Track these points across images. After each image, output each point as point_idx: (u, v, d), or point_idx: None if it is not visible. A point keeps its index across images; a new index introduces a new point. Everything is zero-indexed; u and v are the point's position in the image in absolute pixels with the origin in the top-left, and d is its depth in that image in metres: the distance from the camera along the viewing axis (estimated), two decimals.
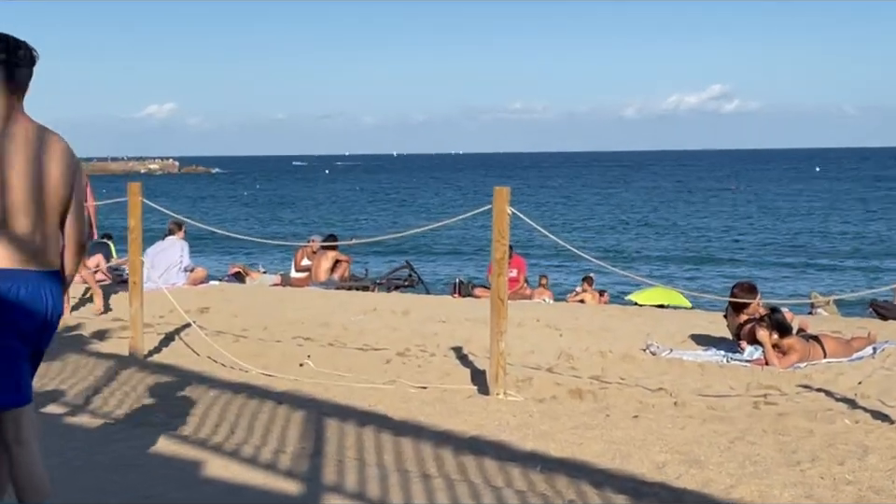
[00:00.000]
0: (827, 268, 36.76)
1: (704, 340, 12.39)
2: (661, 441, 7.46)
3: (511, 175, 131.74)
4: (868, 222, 54.19)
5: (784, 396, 9.26)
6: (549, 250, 37.91)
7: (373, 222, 60.49)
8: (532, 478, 6.43)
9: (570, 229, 52.05)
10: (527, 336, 12.60)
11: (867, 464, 6.87)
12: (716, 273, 35.51)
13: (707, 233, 50.08)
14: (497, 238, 9.04)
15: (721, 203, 71.58)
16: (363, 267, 23.60)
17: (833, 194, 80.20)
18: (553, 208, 70.39)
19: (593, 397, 9.17)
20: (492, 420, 8.14)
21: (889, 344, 11.70)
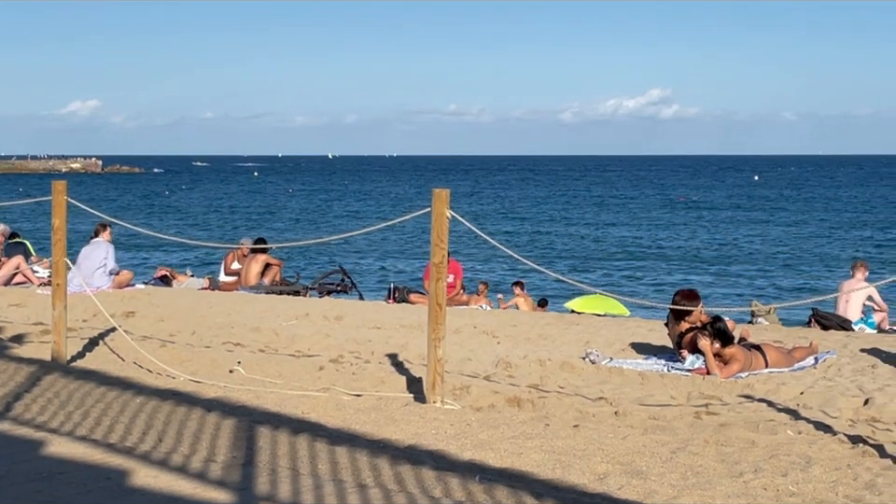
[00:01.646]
0: (769, 277, 37.07)
1: (644, 348, 12.30)
2: (602, 450, 7.30)
3: (448, 178, 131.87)
4: (809, 231, 54.84)
5: (726, 406, 9.16)
6: (486, 255, 37.85)
7: (306, 225, 60.06)
8: (471, 488, 6.23)
9: (509, 233, 52.01)
10: (464, 343, 12.44)
11: (810, 475, 6.77)
12: (657, 281, 35.65)
13: (652, 241, 50.36)
14: (435, 242, 8.84)
15: (668, 211, 72.11)
16: (295, 271, 23.30)
17: (773, 202, 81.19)
18: (492, 212, 70.42)
19: (532, 405, 9.00)
20: (429, 429, 7.93)
21: (830, 354, 11.69)
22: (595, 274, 37.61)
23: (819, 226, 58.25)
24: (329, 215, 69.73)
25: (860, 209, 72.31)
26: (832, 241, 49.83)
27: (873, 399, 9.43)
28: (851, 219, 62.94)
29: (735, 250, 45.79)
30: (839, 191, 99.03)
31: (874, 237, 51.40)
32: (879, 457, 7.37)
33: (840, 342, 12.90)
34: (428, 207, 8.91)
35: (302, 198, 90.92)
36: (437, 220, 8.78)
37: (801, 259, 42.06)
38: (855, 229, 56.26)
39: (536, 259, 32.37)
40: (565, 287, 25.99)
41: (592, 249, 47.16)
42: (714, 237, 52.12)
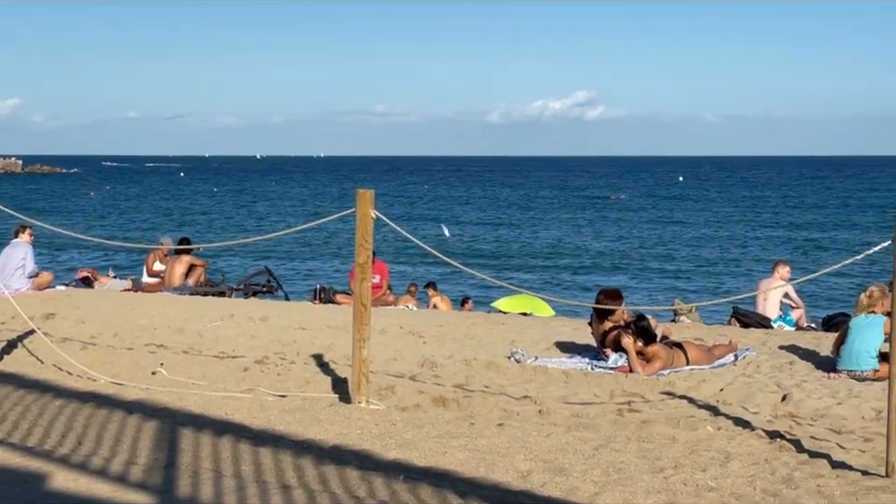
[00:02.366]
0: (691, 276, 37.52)
1: (568, 347, 12.40)
2: (525, 449, 7.35)
3: (374, 179, 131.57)
4: (730, 230, 55.56)
5: (648, 403, 9.27)
6: (415, 256, 37.86)
7: (231, 225, 59.59)
8: (395, 488, 6.25)
9: (435, 234, 52.05)
10: (390, 343, 12.44)
11: (729, 470, 6.87)
12: (582, 281, 35.91)
13: (577, 241, 50.71)
14: (360, 242, 8.83)
15: (594, 211, 72.62)
16: (219, 272, 23.12)
17: (696, 202, 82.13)
18: (418, 212, 70.41)
19: (457, 405, 9.02)
20: (354, 429, 7.92)
21: (749, 352, 11.88)
22: (521, 274, 37.80)
23: (740, 226, 59.08)
24: (254, 215, 69.23)
25: (779, 209, 73.47)
26: (752, 240, 50.59)
27: (790, 394, 9.60)
28: (771, 219, 63.95)
29: (658, 249, 46.31)
30: (760, 192, 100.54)
31: (793, 236, 52.28)
32: (796, 452, 7.52)
33: (759, 339, 13.11)
34: (353, 208, 8.90)
35: (228, 198, 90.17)
36: (361, 221, 8.77)
37: (722, 259, 42.65)
38: (774, 228, 57.17)
39: (461, 259, 32.48)
40: (491, 288, 26.10)
41: (517, 249, 47.39)
42: (638, 237, 52.66)
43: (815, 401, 9.42)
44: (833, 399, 9.56)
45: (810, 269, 20.45)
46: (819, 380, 10.54)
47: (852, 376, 10.66)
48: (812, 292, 26.99)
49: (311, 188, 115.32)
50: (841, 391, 9.89)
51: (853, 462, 7.22)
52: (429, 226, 59.55)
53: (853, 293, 14.38)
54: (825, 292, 29.24)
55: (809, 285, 25.10)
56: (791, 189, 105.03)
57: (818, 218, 64.40)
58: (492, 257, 44.41)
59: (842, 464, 7.16)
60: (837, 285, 30.39)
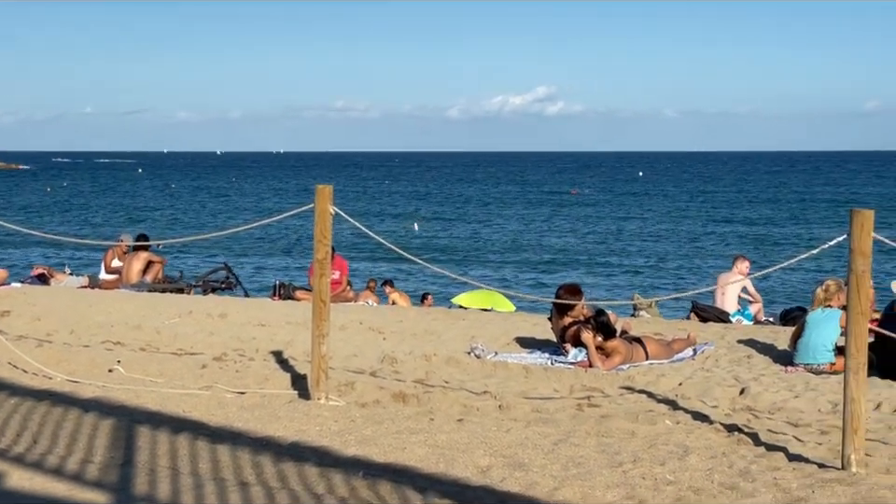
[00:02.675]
0: (650, 270, 37.70)
1: (528, 342, 12.42)
2: (485, 444, 7.35)
3: (333, 175, 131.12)
4: (690, 225, 55.89)
5: (607, 398, 9.30)
6: (375, 252, 37.80)
7: (190, 221, 59.24)
8: (354, 484, 6.22)
9: (395, 230, 52.00)
10: (350, 339, 12.41)
11: (687, 464, 6.90)
12: (542, 276, 35.99)
13: (537, 236, 50.83)
14: (318, 238, 8.80)
15: (554, 206, 72.80)
16: (178, 268, 22.96)
17: (656, 198, 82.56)
18: (379, 208, 70.29)
19: (417, 401, 9.01)
20: (313, 425, 7.88)
21: (708, 346, 11.96)
22: (481, 270, 37.84)
23: (698, 221, 59.45)
24: (212, 211, 68.88)
25: (736, 204, 73.97)
26: (710, 235, 50.93)
27: (748, 388, 9.67)
28: (728, 214, 64.38)
29: (618, 244, 46.52)
30: (717, 187, 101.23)
31: (749, 231, 52.66)
32: (754, 445, 7.57)
33: (718, 333, 13.20)
34: (312, 204, 8.87)
35: (186, 194, 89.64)
36: (320, 217, 8.74)
37: (681, 254, 42.89)
38: (731, 223, 57.56)
39: (421, 254, 32.45)
40: (451, 283, 26.10)
41: (478, 245, 47.44)
42: (597, 232, 52.87)
43: (772, 395, 9.50)
44: (790, 392, 9.63)
45: (765, 264, 20.61)
46: (776, 374, 10.62)
47: (809, 370, 10.74)
48: (769, 287, 27.20)
49: (269, 183, 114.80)
50: (798, 384, 9.98)
51: (810, 455, 7.27)
52: (389, 221, 59.51)
53: (810, 288, 14.52)
54: (782, 287, 29.47)
55: (766, 280, 25.29)
56: (748, 185, 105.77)
57: (773, 213, 64.90)
58: (452, 252, 44.44)
59: (798, 457, 7.21)
60: (792, 280, 30.64)
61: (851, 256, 6.84)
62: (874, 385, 9.57)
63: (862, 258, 6.81)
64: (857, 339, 6.86)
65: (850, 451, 6.81)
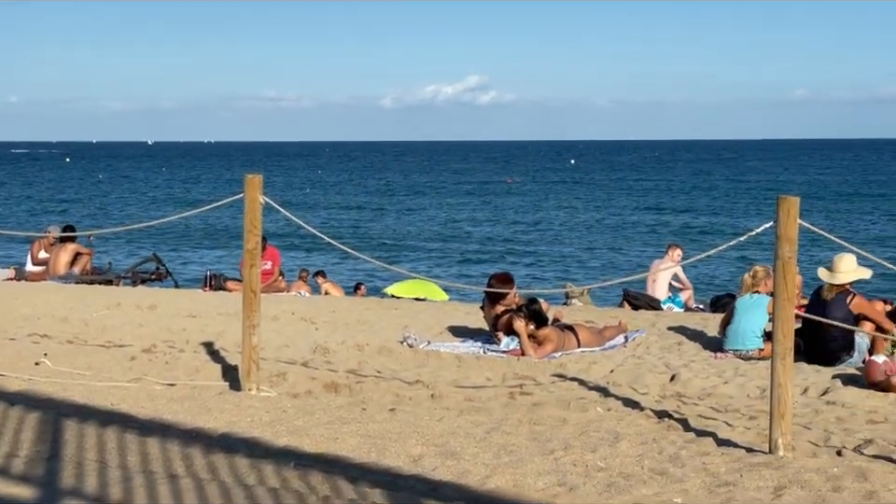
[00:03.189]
0: (582, 259, 37.92)
1: (461, 331, 12.44)
2: (417, 433, 7.34)
3: (264, 165, 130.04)
4: (622, 214, 56.31)
5: (539, 386, 9.34)
6: (307, 241, 37.61)
7: (119, 212, 58.49)
8: (286, 475, 6.17)
9: (327, 220, 51.77)
10: (282, 330, 12.34)
11: (618, 450, 6.95)
12: (475, 265, 36.04)
13: (470, 225, 50.88)
14: (248, 228, 8.74)
15: (486, 195, 72.90)
16: (106, 260, 22.67)
17: (588, 186, 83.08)
18: (311, 198, 69.93)
19: (349, 390, 8.99)
20: (244, 417, 7.82)
21: (639, 333, 12.06)
22: (414, 259, 37.83)
23: (629, 209, 59.92)
24: (142, 201, 68.09)
25: (666, 193, 74.66)
26: (641, 224, 51.33)
27: (678, 375, 9.77)
28: (658, 203, 64.95)
29: (550, 233, 46.74)
30: (649, 176, 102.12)
31: (678, 219, 53.15)
32: (683, 431, 7.64)
33: (649, 320, 13.32)
34: (242, 193, 8.80)
35: (115, 184, 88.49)
36: (250, 206, 8.68)
37: (613, 242, 43.19)
38: (662, 212, 58.07)
39: (354, 245, 32.34)
40: (384, 273, 26.06)
41: (412, 234, 47.41)
42: (530, 220, 53.06)
43: (702, 381, 9.60)
44: (719, 378, 9.74)
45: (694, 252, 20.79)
46: (706, 360, 10.74)
47: (738, 355, 10.87)
48: (699, 274, 27.49)
49: (200, 173, 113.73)
50: (727, 370, 10.09)
51: (738, 439, 7.36)
52: (321, 211, 59.26)
53: (739, 275, 14.69)
54: (712, 274, 29.80)
55: (696, 267, 25.55)
56: (677, 173, 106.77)
57: (703, 202, 65.58)
58: (385, 242, 44.36)
59: (727, 441, 7.29)
60: (722, 267, 30.99)
61: (778, 242, 6.93)
62: (800, 371, 9.71)
63: (789, 244, 6.89)
64: (783, 324, 6.94)
65: (778, 435, 6.90)
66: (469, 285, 21.87)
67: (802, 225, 6.96)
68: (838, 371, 10.04)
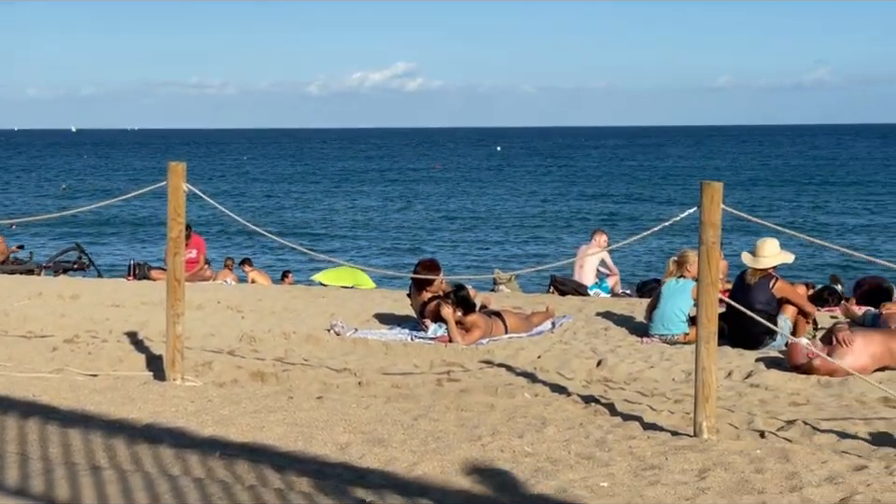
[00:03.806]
0: (509, 245, 38.05)
1: (388, 319, 12.41)
2: (344, 421, 7.31)
3: (188, 152, 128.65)
4: (548, 199, 56.58)
5: (467, 372, 9.35)
6: (233, 230, 37.31)
7: (40, 201, 57.55)
8: (211, 464, 6.11)
9: (253, 208, 51.38)
10: (208, 319, 12.23)
11: (545, 435, 6.97)
12: (402, 252, 36.01)
13: (396, 212, 50.81)
14: (172, 216, 8.64)
15: (413, 181, 72.81)
16: (27, 249, 22.28)
17: (515, 172, 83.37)
18: (236, 185, 69.35)
19: (276, 379, 8.92)
20: (169, 407, 7.73)
21: (566, 319, 12.12)
22: (341, 247, 37.70)
23: (555, 195, 60.26)
24: (66, 189, 67.02)
25: (594, 179, 75.23)
26: (567, 210, 51.68)
27: (605, 360, 9.84)
28: (586, 188, 65.43)
29: (476, 219, 46.85)
30: (575, 161, 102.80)
31: (606, 205, 53.61)
32: (610, 415, 7.69)
33: (576, 306, 13.39)
34: (165, 181, 8.69)
35: (36, 173, 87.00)
36: (173, 194, 8.57)
37: (541, 228, 43.42)
38: (587, 198, 58.49)
39: (280, 233, 32.20)
40: (311, 261, 25.93)
41: (338, 222, 47.24)
42: (456, 206, 53.15)
43: (628, 366, 9.68)
44: (645, 362, 9.83)
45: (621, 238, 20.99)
46: (632, 345, 10.83)
47: (664, 340, 10.98)
48: (626, 260, 27.74)
49: (123, 161, 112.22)
50: (653, 355, 10.19)
51: (663, 423, 7.42)
52: (248, 199, 58.80)
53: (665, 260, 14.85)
54: (638, 260, 30.09)
55: (622, 252, 25.76)
56: (602, 160, 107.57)
57: (627, 188, 66.17)
58: (312, 229, 44.16)
59: (653, 425, 7.35)
60: (648, 252, 31.30)
61: (702, 227, 6.99)
62: (725, 354, 9.83)
63: (712, 229, 6.96)
64: (707, 309, 7.01)
65: (702, 418, 6.97)
66: (395, 272, 21.85)
67: (725, 210, 7.03)
68: (761, 354, 10.18)
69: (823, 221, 44.70)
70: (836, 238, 36.98)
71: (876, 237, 39.05)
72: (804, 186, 64.88)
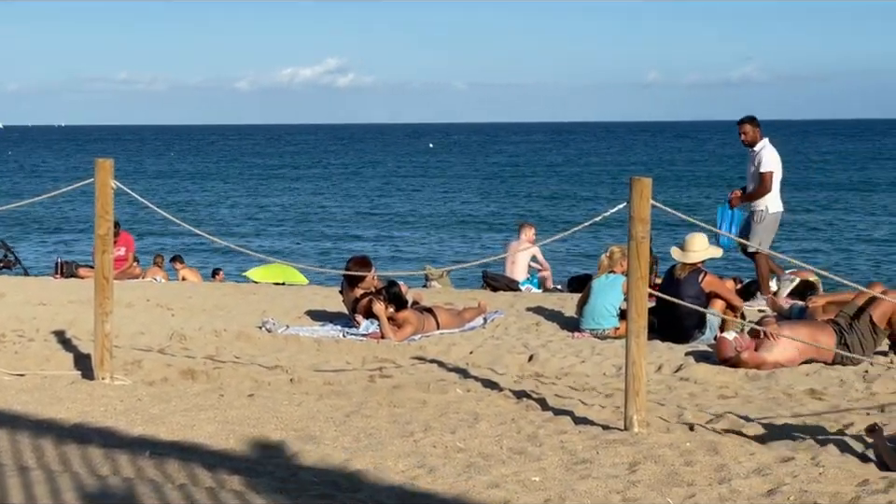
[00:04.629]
0: (441, 241, 38.08)
1: (320, 315, 12.38)
2: (276, 418, 7.28)
3: (116, 149, 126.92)
4: (478, 195, 56.70)
5: (399, 368, 9.35)
6: (163, 227, 36.93)
7: None
8: (141, 464, 6.05)
9: (182, 204, 50.90)
10: (137, 317, 12.10)
11: (477, 431, 7.00)
12: (334, 249, 35.90)
13: (328, 208, 50.64)
14: (100, 214, 8.56)
15: (345, 179, 72.58)
16: None
17: (447, 168, 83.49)
18: (166, 182, 68.61)
19: (206, 377, 8.86)
20: (97, 406, 7.64)
21: (498, 314, 12.16)
22: (274, 243, 37.49)
23: (491, 191, 60.43)
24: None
25: (526, 174, 75.51)
26: (499, 204, 51.85)
27: (537, 355, 9.89)
28: (518, 184, 65.66)
29: (410, 216, 46.84)
30: (506, 157, 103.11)
31: (538, 200, 53.84)
32: (541, 410, 7.74)
33: (508, 301, 13.44)
34: (92, 178, 8.59)
35: None
36: (100, 191, 8.48)
37: (472, 223, 43.52)
38: (520, 193, 58.72)
39: (211, 230, 31.94)
40: (243, 258, 25.76)
41: (270, 218, 46.97)
42: (390, 202, 53.11)
43: (559, 360, 9.73)
44: (576, 357, 9.89)
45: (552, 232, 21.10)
46: (563, 339, 10.89)
47: (595, 335, 11.05)
48: (556, 255, 27.88)
49: (50, 158, 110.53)
50: (584, 350, 10.25)
51: (594, 417, 7.49)
52: (177, 196, 58.24)
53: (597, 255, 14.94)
54: (568, 255, 30.26)
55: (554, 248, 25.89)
56: (532, 155, 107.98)
57: (558, 183, 66.52)
58: (242, 226, 43.87)
59: (584, 419, 7.42)
60: (580, 247, 31.50)
61: (631, 222, 7.05)
62: (655, 348, 9.93)
63: (642, 224, 7.02)
64: (637, 303, 7.08)
65: (632, 412, 7.04)
66: (327, 268, 21.79)
67: (654, 205, 7.10)
68: (691, 348, 10.29)
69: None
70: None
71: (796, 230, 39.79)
72: (733, 182, 65.69)
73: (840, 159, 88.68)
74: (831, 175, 68.69)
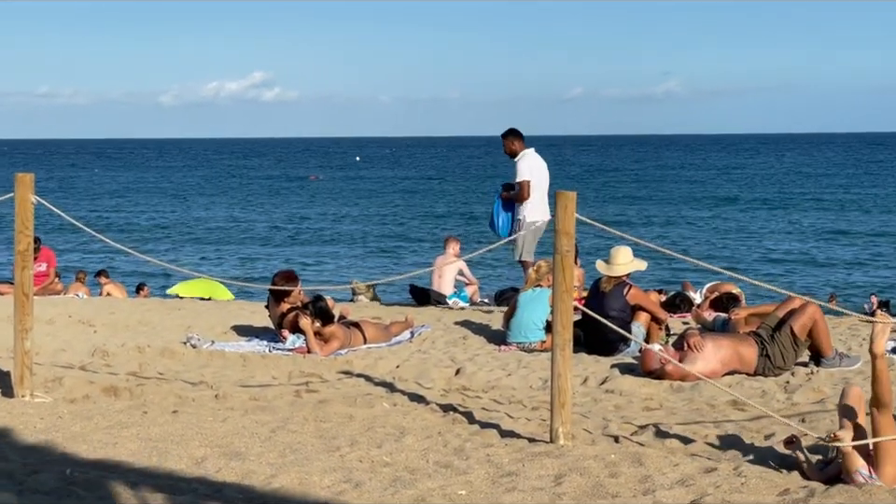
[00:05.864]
0: (368, 255, 38.02)
1: (246, 330, 12.28)
2: (200, 435, 7.20)
3: (36, 163, 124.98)
4: (404, 208, 56.71)
5: (326, 383, 9.30)
6: (86, 242, 36.43)
7: None
8: (62, 483, 5.94)
9: (105, 219, 50.28)
10: (58, 333, 11.91)
11: (404, 445, 6.99)
12: (260, 263, 35.67)
13: (256, 222, 50.33)
14: (19, 229, 8.43)
15: (273, 193, 72.17)
16: None
17: (373, 181, 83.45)
18: (89, 197, 67.69)
19: (129, 394, 8.73)
20: (17, 424, 7.49)
21: (425, 328, 12.16)
22: (201, 259, 37.16)
23: (416, 204, 60.48)
24: None
25: (454, 189, 75.67)
26: (428, 219, 51.91)
27: (463, 368, 9.90)
28: (444, 198, 65.80)
29: (337, 230, 46.72)
30: (432, 171, 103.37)
31: (464, 215, 53.93)
32: (468, 424, 7.74)
33: (435, 315, 13.44)
34: (11, 193, 8.46)
35: None
36: (20, 206, 8.36)
37: (400, 237, 43.52)
38: (447, 207, 58.85)
39: (136, 245, 31.58)
40: (169, 273, 25.48)
41: (193, 233, 46.54)
42: (316, 216, 52.92)
43: (486, 374, 9.75)
44: (503, 370, 9.92)
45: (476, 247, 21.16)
46: (490, 353, 10.91)
47: (521, 348, 11.10)
48: (483, 269, 27.94)
49: None
50: (511, 363, 10.28)
51: (521, 430, 7.50)
52: (100, 211, 57.52)
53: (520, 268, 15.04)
54: (495, 269, 30.34)
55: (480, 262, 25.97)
56: (456, 170, 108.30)
57: (482, 196, 66.77)
58: (166, 241, 43.43)
59: (511, 432, 7.43)
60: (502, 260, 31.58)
61: (556, 236, 7.09)
62: (581, 361, 9.99)
63: (567, 238, 7.06)
64: (562, 316, 7.11)
65: (558, 425, 7.07)
66: (253, 283, 21.63)
67: (579, 219, 7.15)
68: (616, 360, 10.36)
69: (672, 232, 45.87)
70: (681, 244, 38.03)
71: (717, 242, 40.37)
72: (654, 194, 66.46)
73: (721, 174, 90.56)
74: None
